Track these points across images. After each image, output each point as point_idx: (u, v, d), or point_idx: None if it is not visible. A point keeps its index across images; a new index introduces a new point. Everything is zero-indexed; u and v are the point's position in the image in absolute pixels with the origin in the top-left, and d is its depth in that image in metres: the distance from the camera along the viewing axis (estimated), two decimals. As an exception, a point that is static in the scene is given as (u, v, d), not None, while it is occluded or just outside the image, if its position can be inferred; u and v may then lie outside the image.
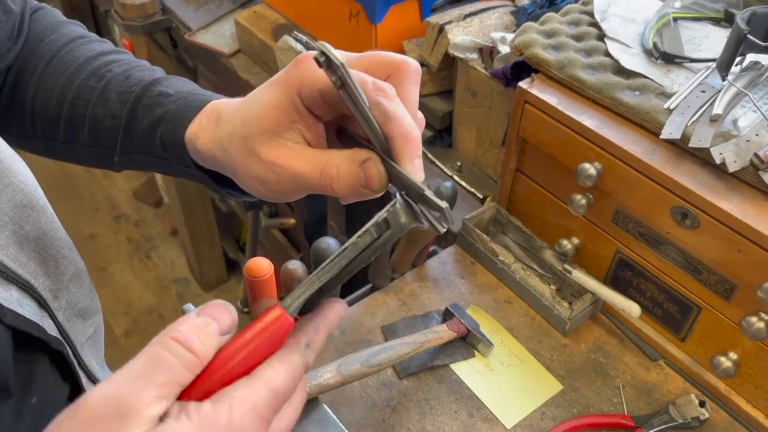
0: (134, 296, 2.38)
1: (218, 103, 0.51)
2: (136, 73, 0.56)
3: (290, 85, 0.43)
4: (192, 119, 0.51)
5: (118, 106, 0.54)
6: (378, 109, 0.40)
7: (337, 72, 0.38)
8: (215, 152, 0.48)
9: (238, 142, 0.45)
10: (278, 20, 1.37)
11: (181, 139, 0.51)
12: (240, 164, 0.46)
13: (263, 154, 0.44)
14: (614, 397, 0.81)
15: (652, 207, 0.75)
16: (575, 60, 0.84)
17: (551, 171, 0.89)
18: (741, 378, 0.77)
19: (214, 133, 0.48)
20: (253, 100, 0.46)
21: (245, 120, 0.45)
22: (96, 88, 0.55)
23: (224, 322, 0.37)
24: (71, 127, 0.57)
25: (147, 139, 0.54)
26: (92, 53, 0.58)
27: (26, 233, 0.47)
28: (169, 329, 0.35)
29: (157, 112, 0.53)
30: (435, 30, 1.09)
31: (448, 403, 0.80)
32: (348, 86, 0.39)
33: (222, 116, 0.49)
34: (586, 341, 0.87)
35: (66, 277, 0.52)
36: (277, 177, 0.44)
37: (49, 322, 0.49)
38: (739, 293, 0.73)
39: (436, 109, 1.17)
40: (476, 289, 0.93)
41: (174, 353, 0.34)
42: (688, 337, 0.82)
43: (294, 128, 0.44)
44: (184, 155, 0.52)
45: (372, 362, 0.74)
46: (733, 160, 0.70)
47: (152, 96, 0.53)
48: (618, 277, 0.87)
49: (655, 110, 0.77)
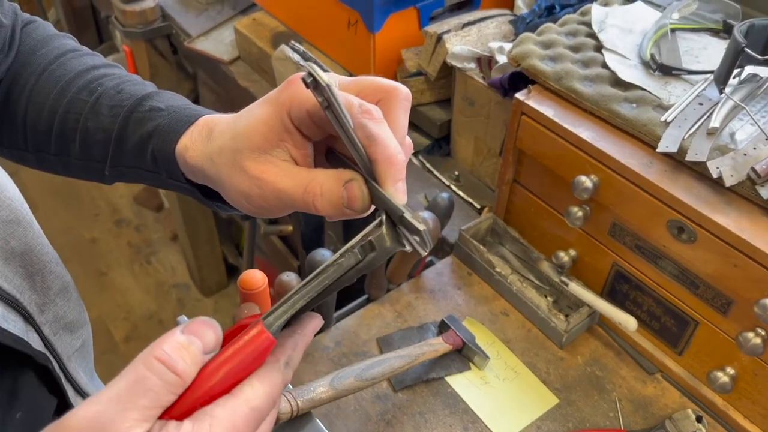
0: (134, 301, 2.38)
1: (210, 118, 0.52)
2: (127, 87, 0.56)
3: (281, 104, 0.44)
4: (183, 133, 0.51)
5: (109, 120, 0.54)
6: (363, 131, 0.41)
7: (324, 93, 0.39)
8: (204, 165, 0.49)
9: (226, 156, 0.46)
10: (278, 28, 1.36)
11: (171, 152, 0.51)
12: (227, 178, 0.46)
13: (250, 169, 0.45)
14: (610, 411, 0.80)
15: (649, 220, 0.75)
16: (572, 71, 0.84)
17: (548, 182, 0.88)
18: (738, 393, 0.77)
19: (205, 147, 0.49)
20: (244, 116, 0.47)
21: (235, 135, 0.46)
22: (87, 102, 0.55)
23: (209, 340, 0.36)
24: (62, 140, 0.57)
25: (137, 153, 0.54)
26: (84, 67, 0.58)
27: (12, 248, 0.47)
28: (153, 347, 0.35)
29: (149, 126, 0.53)
30: (433, 39, 1.08)
31: (443, 416, 0.79)
32: (333, 108, 0.39)
33: (214, 131, 0.49)
34: (583, 354, 0.86)
35: (53, 291, 0.53)
36: (261, 192, 0.44)
37: (35, 337, 0.49)
38: (736, 308, 0.72)
39: (434, 117, 1.16)
40: (473, 301, 0.93)
41: (157, 374, 0.34)
42: (685, 351, 0.81)
43: (282, 146, 0.44)
44: (174, 169, 0.52)
45: (366, 376, 0.74)
46: (730, 174, 0.69)
47: (143, 111, 0.54)
48: (615, 290, 0.86)
49: (652, 123, 0.76)
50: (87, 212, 2.70)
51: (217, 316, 2.31)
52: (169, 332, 0.36)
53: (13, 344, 0.45)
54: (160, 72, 1.69)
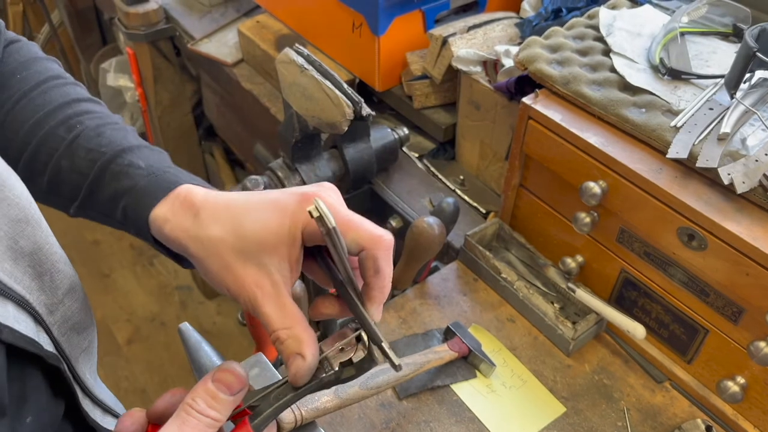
0: (137, 303, 2.38)
1: (191, 191, 0.51)
2: (108, 131, 0.55)
3: (297, 220, 0.46)
4: (160, 199, 0.51)
5: (85, 164, 0.54)
6: (373, 262, 0.46)
7: (327, 231, 0.42)
8: (190, 246, 0.48)
9: (225, 251, 0.47)
10: (281, 30, 1.36)
11: (145, 217, 0.51)
12: (216, 269, 0.47)
13: (250, 275, 0.46)
14: (619, 421, 0.79)
15: (658, 227, 0.74)
16: (580, 75, 0.83)
17: (555, 188, 0.87)
18: (749, 403, 0.75)
19: (193, 229, 0.48)
20: (253, 216, 0.47)
21: (240, 233, 0.46)
22: (65, 139, 0.54)
23: (233, 386, 0.44)
24: (31, 171, 0.55)
25: (109, 205, 0.53)
26: (65, 99, 0.57)
27: (21, 248, 0.47)
28: (187, 398, 0.43)
29: (125, 183, 0.52)
30: (438, 42, 1.07)
31: (449, 425, 0.78)
32: (334, 242, 0.43)
33: (202, 211, 0.49)
34: (590, 362, 0.85)
35: (61, 291, 0.52)
36: (248, 299, 0.46)
37: (45, 338, 0.49)
38: (747, 317, 0.71)
39: (439, 121, 1.15)
40: (478, 307, 0.92)
41: (197, 419, 0.42)
42: (694, 359, 0.80)
43: (285, 259, 0.46)
44: (144, 231, 0.52)
45: (371, 384, 0.73)
46: (741, 180, 0.68)
47: (122, 164, 0.53)
48: (623, 297, 0.85)
49: (661, 128, 0.75)
50: (90, 214, 2.69)
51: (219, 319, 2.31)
52: (201, 382, 0.43)
53: (26, 345, 0.44)
54: (163, 74, 1.68)
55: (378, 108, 1.25)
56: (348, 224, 0.46)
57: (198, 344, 0.85)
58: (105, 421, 0.56)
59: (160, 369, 2.18)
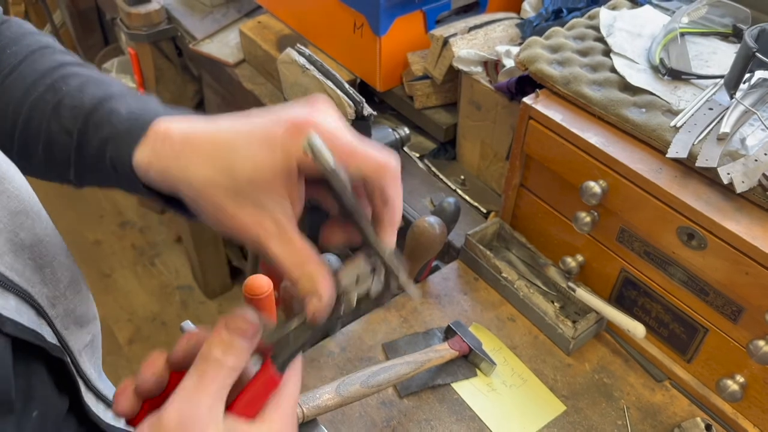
0: (138, 303, 2.38)
1: (169, 126, 0.47)
2: (91, 88, 0.52)
3: (290, 153, 0.42)
4: (139, 142, 0.47)
5: (70, 123, 0.51)
6: (381, 192, 0.44)
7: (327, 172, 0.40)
8: (180, 188, 0.45)
9: (216, 193, 0.44)
10: (283, 31, 1.36)
11: (129, 164, 0.47)
12: (213, 212, 0.44)
13: (250, 215, 0.43)
14: (618, 419, 0.79)
15: (658, 226, 0.74)
16: (581, 76, 0.83)
17: (556, 187, 0.88)
18: (748, 401, 0.76)
19: (177, 167, 0.45)
20: (241, 153, 0.43)
21: (229, 172, 0.43)
22: (50, 103, 0.52)
23: (247, 332, 0.43)
24: (26, 142, 0.53)
25: (98, 159, 0.50)
26: (52, 65, 0.54)
27: (21, 240, 0.47)
28: (203, 349, 0.42)
29: (106, 131, 0.49)
30: (439, 42, 1.08)
31: (450, 423, 0.78)
32: (335, 182, 0.41)
33: (185, 148, 0.45)
34: (590, 361, 0.86)
35: (63, 284, 0.52)
36: (253, 241, 0.44)
37: (48, 330, 0.49)
38: (747, 316, 0.72)
39: (440, 121, 1.16)
40: (479, 306, 0.92)
41: (214, 368, 0.41)
42: (694, 358, 0.80)
43: (285, 198, 0.43)
44: (133, 178, 0.48)
45: (372, 383, 0.73)
46: (741, 180, 0.69)
47: (103, 114, 0.50)
48: (623, 296, 0.85)
49: (661, 128, 0.75)
50: (91, 214, 2.70)
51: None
52: (216, 332, 0.43)
53: (29, 337, 0.44)
54: (165, 74, 1.69)
55: (379, 108, 1.25)
56: (350, 153, 0.43)
57: (200, 342, 0.86)
58: (108, 416, 0.57)
59: (161, 369, 2.18)
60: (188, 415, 0.39)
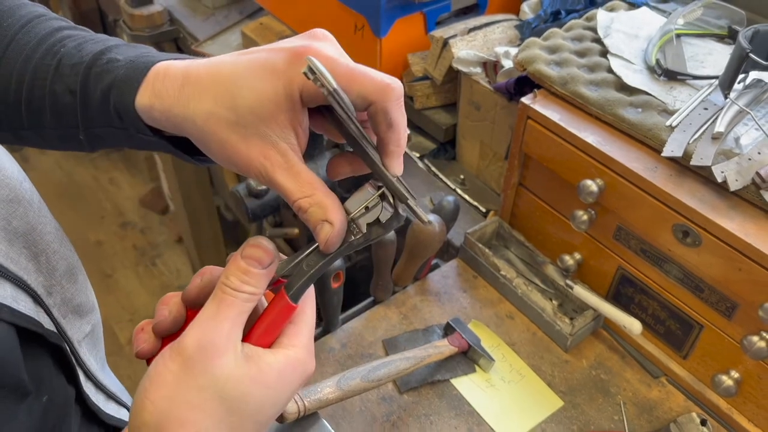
0: (139, 303, 2.39)
1: (169, 65, 0.47)
2: (89, 45, 0.52)
3: (292, 82, 0.42)
4: (140, 84, 0.47)
5: (72, 80, 0.51)
6: (385, 115, 0.43)
7: (329, 92, 0.39)
8: (183, 125, 0.45)
9: (219, 126, 0.43)
10: (284, 32, 1.37)
11: (131, 106, 0.47)
12: (218, 148, 0.44)
13: (254, 147, 0.43)
14: (615, 414, 0.81)
15: (654, 224, 0.75)
16: (578, 76, 0.84)
17: (553, 186, 0.89)
18: (743, 397, 0.77)
19: (180, 104, 0.45)
20: (243, 84, 0.43)
21: (232, 104, 0.43)
22: (51, 66, 0.52)
23: (263, 259, 0.43)
24: (33, 109, 0.53)
25: (103, 110, 0.50)
26: (48, 30, 0.55)
27: (15, 228, 0.47)
28: (221, 277, 0.43)
29: (107, 79, 0.49)
30: (439, 44, 1.09)
31: (449, 418, 0.80)
32: (338, 103, 0.41)
33: (186, 84, 0.45)
34: (588, 357, 0.87)
35: (58, 272, 0.52)
36: (259, 173, 0.44)
37: (46, 318, 0.49)
38: (741, 312, 0.73)
39: (439, 121, 1.17)
40: (478, 304, 0.93)
41: (232, 295, 0.42)
42: (690, 354, 0.82)
43: (289, 129, 0.43)
44: (138, 123, 0.49)
45: (372, 377, 0.74)
46: (734, 178, 0.70)
47: (102, 64, 0.50)
48: (620, 293, 0.86)
49: (657, 127, 0.77)
50: (92, 214, 2.71)
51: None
52: (232, 260, 0.43)
53: (27, 324, 0.44)
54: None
55: (379, 109, 1.26)
56: (351, 76, 0.42)
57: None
58: (108, 407, 0.57)
59: (162, 368, 2.19)
60: (208, 340, 0.40)
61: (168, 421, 0.39)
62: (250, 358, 0.42)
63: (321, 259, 0.46)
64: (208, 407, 0.40)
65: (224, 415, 0.41)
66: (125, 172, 2.88)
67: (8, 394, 0.42)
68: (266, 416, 0.43)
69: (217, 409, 0.40)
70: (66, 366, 0.51)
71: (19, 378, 0.42)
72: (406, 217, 0.47)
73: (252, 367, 0.42)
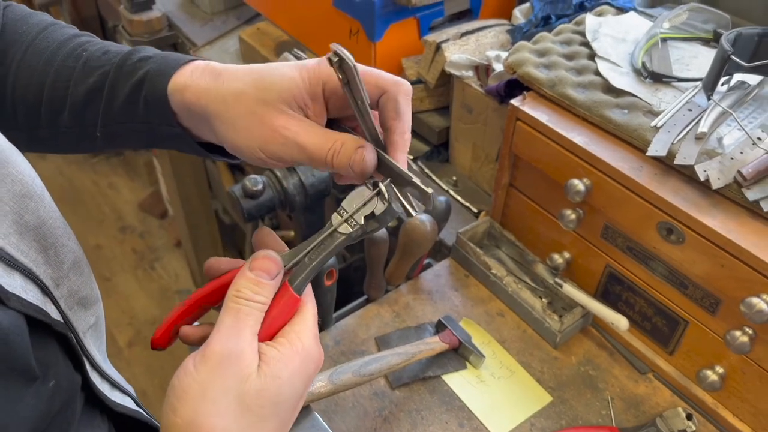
0: (138, 307, 2.41)
1: (210, 62, 0.54)
2: (113, 48, 0.58)
3: (319, 74, 0.49)
4: (174, 72, 0.53)
5: (99, 80, 0.56)
6: (394, 104, 0.49)
7: (347, 72, 0.45)
8: (211, 105, 0.51)
9: (248, 101, 0.50)
10: (281, 37, 1.40)
11: (164, 92, 0.53)
12: (244, 123, 0.50)
13: (278, 120, 0.49)
14: (603, 410, 0.82)
15: (639, 222, 0.77)
16: (566, 78, 0.86)
17: (543, 186, 0.91)
18: (727, 391, 0.78)
19: (214, 87, 0.51)
20: (273, 72, 0.50)
21: (262, 85, 0.50)
22: (75, 68, 0.57)
23: (272, 270, 0.48)
24: (52, 110, 0.58)
25: (129, 104, 0.55)
26: (65, 36, 0.60)
27: (26, 222, 0.48)
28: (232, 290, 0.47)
29: (139, 74, 0.55)
30: (432, 48, 1.11)
31: (439, 413, 0.81)
32: (354, 85, 0.46)
33: (224, 74, 0.52)
34: (576, 354, 0.88)
35: (66, 265, 0.53)
36: (284, 142, 0.49)
37: (53, 308, 0.50)
38: (724, 307, 0.74)
39: (433, 124, 1.19)
40: (469, 302, 0.95)
41: (247, 306, 0.47)
42: (676, 350, 0.83)
43: (306, 110, 0.50)
44: (165, 111, 0.54)
45: (364, 372, 0.76)
46: (717, 177, 0.72)
47: (132, 62, 0.56)
48: (608, 291, 0.88)
49: (642, 128, 0.79)
50: (92, 218, 2.73)
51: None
52: (240, 272, 0.48)
53: (34, 313, 0.46)
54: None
55: (374, 112, 1.28)
56: (369, 73, 0.49)
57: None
58: (114, 395, 0.58)
59: (160, 371, 2.21)
60: (231, 348, 0.45)
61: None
62: (267, 358, 0.46)
63: (322, 252, 0.50)
64: (232, 409, 0.44)
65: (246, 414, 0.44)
66: (125, 176, 2.90)
67: (18, 377, 0.43)
68: (287, 410, 0.47)
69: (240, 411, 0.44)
70: (72, 354, 0.53)
71: (28, 363, 0.44)
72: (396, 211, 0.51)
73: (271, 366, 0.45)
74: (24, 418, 0.44)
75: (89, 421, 0.55)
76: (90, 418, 0.55)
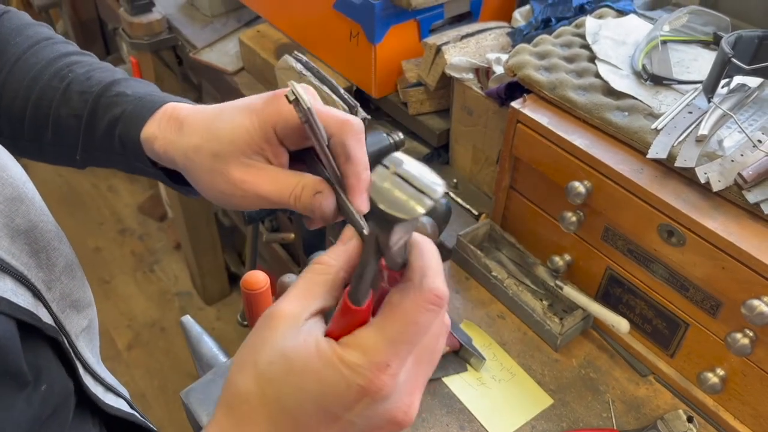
0: (137, 309, 2.40)
1: (177, 107, 0.54)
2: (96, 74, 0.58)
3: (266, 117, 0.48)
4: (147, 119, 0.54)
5: (79, 106, 0.57)
6: (343, 148, 0.47)
7: (304, 113, 0.44)
8: (177, 159, 0.52)
9: (204, 157, 0.50)
10: (281, 40, 1.40)
11: (136, 138, 0.54)
12: (205, 177, 0.50)
13: (233, 173, 0.49)
14: (604, 412, 0.82)
15: (640, 225, 0.77)
16: (566, 81, 0.86)
17: (543, 189, 0.91)
18: (728, 394, 0.78)
19: (178, 141, 0.52)
20: (224, 120, 0.50)
21: (215, 137, 0.49)
22: (58, 89, 0.58)
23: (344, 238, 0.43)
24: (35, 126, 0.59)
25: (106, 137, 0.56)
26: (56, 54, 0.60)
27: (17, 225, 0.48)
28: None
29: (116, 111, 0.56)
30: (432, 50, 1.11)
31: (440, 416, 0.81)
32: (312, 126, 0.45)
33: (185, 124, 0.52)
34: (577, 356, 0.88)
35: (58, 268, 0.53)
36: (243, 194, 0.49)
37: (44, 312, 0.50)
38: (725, 310, 0.74)
39: (433, 127, 1.19)
40: (470, 304, 0.95)
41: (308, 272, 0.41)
42: (676, 353, 0.83)
43: (263, 153, 0.49)
44: (140, 153, 0.55)
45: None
46: (717, 179, 0.72)
47: (111, 96, 0.56)
48: (608, 294, 0.88)
49: (643, 130, 0.79)
50: (91, 221, 2.73)
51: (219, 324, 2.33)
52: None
53: (24, 317, 0.46)
54: (166, 82, 1.72)
55: (375, 115, 1.28)
56: (319, 113, 0.47)
57: (199, 336, 0.89)
58: (108, 398, 0.58)
59: (159, 374, 2.20)
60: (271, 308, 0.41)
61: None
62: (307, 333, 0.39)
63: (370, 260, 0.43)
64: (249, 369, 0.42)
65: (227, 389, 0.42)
66: (124, 179, 2.90)
67: (9, 382, 0.43)
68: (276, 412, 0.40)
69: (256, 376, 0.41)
70: (64, 358, 0.53)
71: (19, 367, 0.44)
72: None
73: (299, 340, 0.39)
74: (16, 423, 0.44)
75: (81, 424, 0.54)
76: (82, 422, 0.55)
